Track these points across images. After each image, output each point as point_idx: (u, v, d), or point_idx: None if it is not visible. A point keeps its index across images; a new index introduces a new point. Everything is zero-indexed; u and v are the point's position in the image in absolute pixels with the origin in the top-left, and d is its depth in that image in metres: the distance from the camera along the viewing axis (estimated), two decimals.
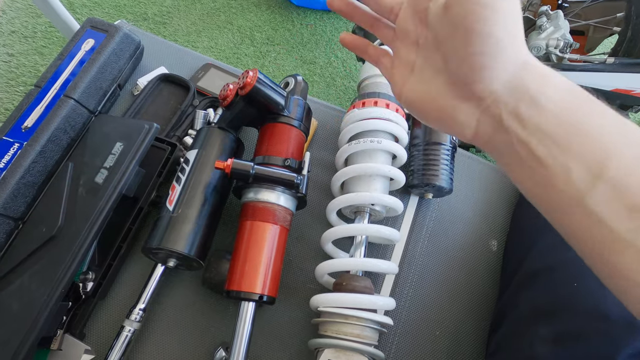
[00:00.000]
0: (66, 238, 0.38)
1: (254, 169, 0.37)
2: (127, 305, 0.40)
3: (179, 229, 0.37)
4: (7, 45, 1.13)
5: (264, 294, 0.35)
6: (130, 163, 0.40)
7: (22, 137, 0.43)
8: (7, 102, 1.05)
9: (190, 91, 0.52)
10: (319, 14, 1.38)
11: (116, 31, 0.50)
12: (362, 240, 0.41)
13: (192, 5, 1.32)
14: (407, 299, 0.44)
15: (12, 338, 0.34)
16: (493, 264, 0.47)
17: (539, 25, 0.73)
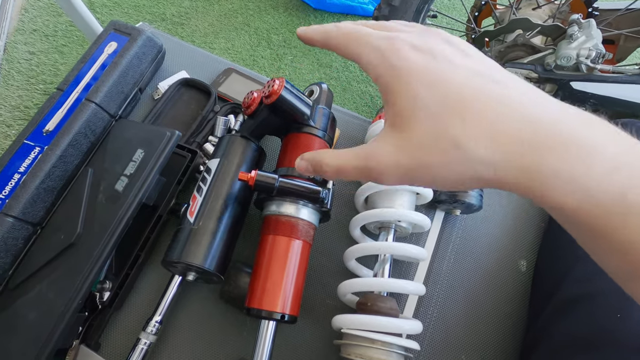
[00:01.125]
0: (85, 246, 0.37)
1: (279, 182, 0.36)
2: (143, 315, 0.39)
3: (200, 242, 0.35)
4: (28, 44, 1.15)
5: (285, 313, 0.34)
6: (151, 172, 0.39)
7: (43, 141, 0.42)
8: (27, 99, 1.06)
9: (211, 96, 0.51)
10: (336, 16, 1.37)
11: (139, 34, 0.49)
12: (386, 258, 0.39)
13: (210, 7, 1.32)
14: (432, 319, 0.43)
15: (28, 349, 0.33)
16: (522, 286, 0.45)
17: (569, 34, 0.70)
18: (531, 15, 0.83)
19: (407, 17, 0.86)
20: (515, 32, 0.82)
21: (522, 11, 0.87)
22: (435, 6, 0.97)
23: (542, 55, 0.78)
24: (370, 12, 1.35)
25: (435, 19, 1.01)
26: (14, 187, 0.40)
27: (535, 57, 0.78)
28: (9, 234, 0.38)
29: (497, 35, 0.84)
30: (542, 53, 0.78)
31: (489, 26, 0.97)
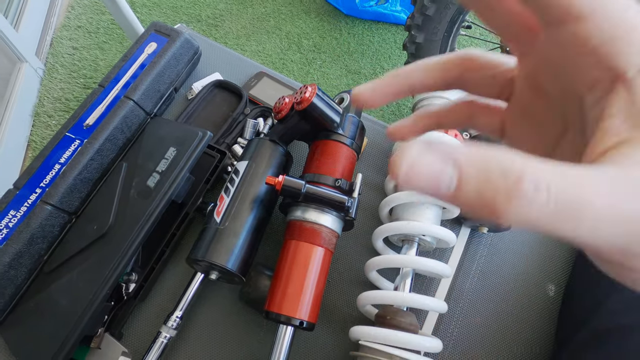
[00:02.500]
0: (115, 238, 0.38)
1: (305, 188, 0.36)
2: (165, 309, 0.40)
3: (225, 243, 0.36)
4: (72, 39, 1.21)
5: (304, 320, 0.34)
6: (182, 170, 0.40)
7: (83, 134, 0.44)
8: (68, 92, 1.11)
9: (242, 99, 0.52)
10: (367, 24, 1.37)
11: (177, 36, 0.51)
12: (408, 272, 0.39)
13: (244, 10, 1.35)
14: (452, 338, 0.41)
15: (59, 331, 0.35)
16: (549, 311, 0.43)
17: None
18: None
19: (441, 27, 0.85)
20: None
21: None
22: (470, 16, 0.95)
23: None
24: (402, 20, 1.34)
25: (469, 30, 0.99)
26: (54, 177, 0.42)
27: None
28: (47, 221, 0.40)
29: None
30: None
31: None
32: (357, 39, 1.33)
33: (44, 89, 1.11)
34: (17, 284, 0.39)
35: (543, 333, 0.42)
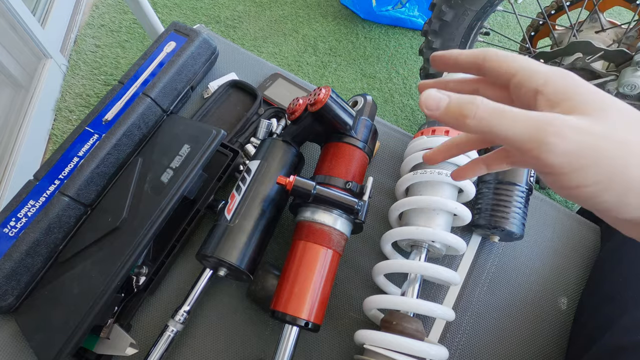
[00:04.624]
0: (128, 231, 0.39)
1: (316, 189, 0.36)
2: (173, 303, 0.40)
3: (234, 240, 0.36)
4: (95, 37, 1.25)
5: (310, 321, 0.34)
6: (195, 167, 0.41)
7: (102, 129, 0.45)
8: (89, 88, 1.14)
9: (257, 99, 0.52)
10: (384, 28, 1.37)
11: (196, 36, 0.52)
12: (416, 277, 0.38)
13: (262, 12, 1.37)
14: (458, 347, 0.41)
15: (70, 320, 0.36)
16: (560, 325, 0.42)
17: (636, 61, 0.65)
18: (593, 38, 0.79)
19: (459, 33, 0.84)
20: (574, 55, 0.78)
21: (584, 34, 0.82)
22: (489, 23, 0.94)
23: (603, 82, 0.73)
24: (419, 25, 1.34)
25: (487, 37, 0.98)
26: (72, 169, 0.43)
27: (595, 82, 0.74)
28: (64, 212, 0.41)
29: (553, 58, 0.80)
30: (602, 79, 0.73)
31: (545, 47, 0.92)
32: (373, 43, 1.33)
33: (66, 85, 1.14)
34: (33, 272, 0.40)
35: (554, 347, 0.41)
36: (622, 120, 0.18)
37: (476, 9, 0.79)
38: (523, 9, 1.45)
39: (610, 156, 0.17)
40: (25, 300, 0.40)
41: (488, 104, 0.18)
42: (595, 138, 0.17)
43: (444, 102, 0.19)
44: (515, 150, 0.18)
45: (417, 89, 0.26)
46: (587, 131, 0.17)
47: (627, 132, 0.17)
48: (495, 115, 0.18)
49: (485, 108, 0.18)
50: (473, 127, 0.18)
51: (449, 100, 0.19)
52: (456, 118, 0.19)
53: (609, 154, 0.17)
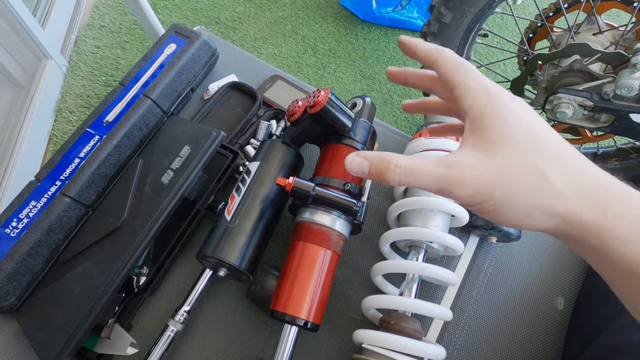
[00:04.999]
0: (129, 232, 0.40)
1: (315, 191, 0.36)
2: (173, 303, 0.41)
3: (234, 241, 0.37)
4: (96, 38, 1.25)
5: (309, 320, 0.34)
6: (195, 168, 0.41)
7: (103, 130, 0.46)
8: (89, 89, 1.15)
9: (256, 101, 0.53)
10: (383, 29, 1.37)
11: (196, 38, 0.52)
12: (414, 278, 0.39)
13: (262, 13, 1.37)
14: (456, 347, 0.41)
15: (71, 319, 0.36)
16: (557, 325, 0.42)
17: (633, 63, 0.66)
18: (591, 40, 0.79)
19: (458, 35, 0.84)
20: (572, 57, 0.78)
21: (582, 36, 0.82)
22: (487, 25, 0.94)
23: (600, 83, 0.73)
24: (418, 27, 1.34)
25: (486, 38, 0.99)
26: (74, 171, 0.43)
27: (592, 84, 0.74)
28: (65, 213, 0.42)
29: (551, 59, 0.81)
30: (600, 81, 0.74)
31: (543, 49, 0.93)
32: (373, 45, 1.33)
33: (66, 86, 1.14)
34: (35, 272, 0.40)
35: (551, 347, 0.41)
36: (514, 159, 0.20)
37: (475, 10, 0.80)
38: (521, 10, 1.46)
39: (500, 198, 0.20)
40: (26, 300, 0.40)
41: (401, 168, 0.22)
42: (488, 184, 0.20)
43: (366, 167, 0.23)
44: None
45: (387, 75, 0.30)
46: (481, 179, 0.21)
47: (516, 173, 0.20)
48: (408, 176, 0.22)
49: (400, 171, 0.22)
50: (394, 184, 0.22)
51: (369, 165, 0.23)
52: (379, 179, 0.23)
53: (499, 197, 0.20)
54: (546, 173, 0.20)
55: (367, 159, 0.23)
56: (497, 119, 0.21)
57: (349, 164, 0.23)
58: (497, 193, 0.20)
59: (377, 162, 0.22)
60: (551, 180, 0.20)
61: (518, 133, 0.21)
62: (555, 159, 0.20)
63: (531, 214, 0.20)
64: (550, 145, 0.21)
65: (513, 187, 0.20)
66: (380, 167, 0.22)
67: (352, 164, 0.23)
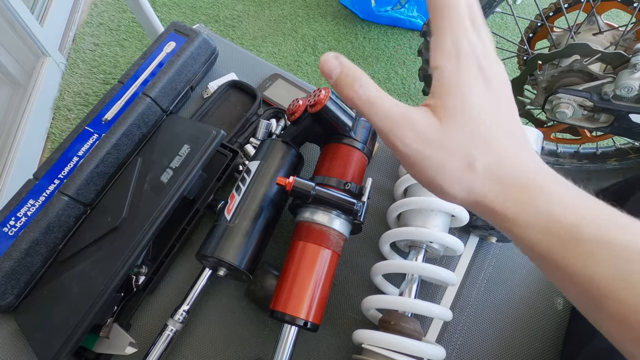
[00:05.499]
0: (128, 231, 0.39)
1: (315, 190, 0.36)
2: (172, 303, 0.40)
3: (234, 240, 0.37)
4: (94, 36, 1.24)
5: (309, 321, 0.34)
6: (194, 167, 0.41)
7: (102, 129, 0.46)
8: (88, 87, 1.14)
9: (256, 100, 0.53)
10: (383, 28, 1.37)
11: (196, 36, 0.52)
12: (414, 278, 0.39)
13: (261, 12, 1.37)
14: (455, 347, 0.41)
15: (70, 319, 0.36)
16: (556, 325, 0.42)
17: (633, 63, 0.66)
18: (591, 40, 0.79)
19: None
20: (571, 57, 0.78)
21: (582, 36, 0.82)
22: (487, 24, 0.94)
23: (600, 84, 0.73)
24: (418, 25, 1.34)
25: None
26: (72, 169, 0.43)
27: (592, 84, 0.74)
28: (63, 211, 0.41)
29: (551, 59, 0.81)
30: (599, 81, 0.74)
31: (543, 49, 0.93)
32: (373, 44, 1.33)
33: (64, 83, 1.14)
34: (33, 271, 0.40)
35: (549, 347, 0.41)
36: (456, 144, 0.21)
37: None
38: (521, 10, 1.46)
39: (425, 173, 0.21)
40: (25, 299, 0.40)
41: (365, 92, 0.21)
42: (425, 146, 0.21)
43: (335, 73, 0.22)
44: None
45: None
46: (423, 139, 0.21)
47: (453, 157, 0.21)
48: (367, 105, 0.21)
49: (362, 95, 0.21)
50: (354, 107, 0.22)
51: (339, 73, 0.22)
52: (339, 90, 0.22)
53: (438, 154, 0.21)
54: (476, 164, 0.21)
55: (342, 66, 0.22)
56: (460, 94, 0.21)
57: (324, 60, 0.22)
58: (433, 154, 0.21)
59: (346, 73, 0.22)
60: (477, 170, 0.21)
61: (467, 123, 0.21)
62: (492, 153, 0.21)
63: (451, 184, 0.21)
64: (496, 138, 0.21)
65: (447, 153, 0.21)
66: (347, 80, 0.21)
67: (326, 62, 0.22)
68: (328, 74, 0.22)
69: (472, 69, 0.21)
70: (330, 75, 0.22)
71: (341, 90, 0.22)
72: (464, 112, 0.21)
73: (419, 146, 0.21)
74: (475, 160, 0.21)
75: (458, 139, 0.21)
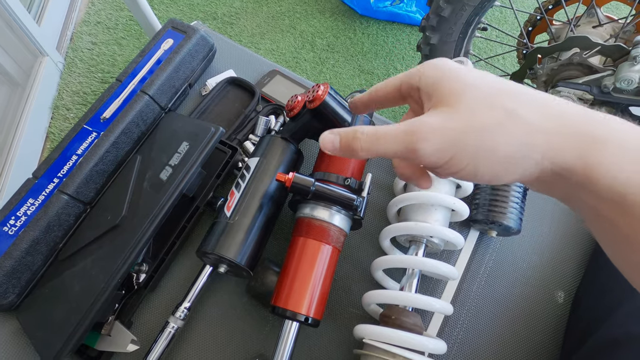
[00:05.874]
0: (128, 229, 0.39)
1: (315, 186, 0.36)
2: (173, 300, 0.40)
3: (234, 237, 0.37)
4: (92, 34, 1.24)
5: (310, 316, 0.34)
6: (193, 164, 0.41)
7: (100, 127, 0.45)
8: (86, 86, 1.14)
9: (255, 96, 0.52)
10: (381, 24, 1.36)
11: (193, 33, 0.52)
12: (415, 272, 0.39)
13: (259, 8, 1.36)
14: (456, 341, 0.41)
15: (71, 317, 0.36)
16: (557, 318, 0.42)
17: (633, 55, 0.66)
18: (591, 33, 0.79)
19: (457, 28, 0.84)
20: (571, 50, 0.78)
21: (581, 28, 0.82)
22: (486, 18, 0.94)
23: (600, 77, 0.73)
24: (417, 20, 1.34)
25: (485, 32, 0.98)
26: (71, 168, 0.43)
27: (592, 77, 0.74)
28: (63, 210, 0.41)
29: (551, 53, 0.80)
30: (599, 74, 0.73)
31: (543, 42, 0.92)
32: (371, 39, 1.33)
33: (63, 83, 1.14)
34: (33, 270, 0.40)
35: (550, 340, 0.41)
36: (479, 105, 0.19)
37: (474, 4, 0.79)
38: (520, 4, 1.45)
39: (472, 144, 0.19)
40: (26, 298, 0.40)
41: (367, 135, 0.22)
42: (454, 133, 0.19)
43: (337, 142, 0.23)
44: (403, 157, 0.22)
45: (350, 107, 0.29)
46: (446, 128, 0.19)
47: (483, 115, 0.19)
48: (374, 142, 0.21)
49: (365, 139, 0.22)
50: (364, 156, 0.22)
51: (339, 139, 0.23)
52: (350, 153, 0.22)
53: (470, 143, 0.19)
54: (515, 108, 0.19)
55: (338, 134, 0.23)
56: (451, 75, 0.21)
57: (323, 142, 0.23)
58: (468, 139, 0.19)
59: (345, 134, 0.22)
60: (522, 113, 0.19)
61: (479, 86, 0.20)
62: (521, 96, 0.19)
63: (508, 155, 0.19)
64: (513, 87, 0.20)
65: (485, 130, 0.19)
66: (347, 138, 0.22)
67: (324, 141, 0.23)
68: (332, 148, 0.23)
69: (449, 62, 0.22)
70: (334, 145, 0.23)
71: (348, 147, 0.22)
72: (472, 84, 0.20)
73: (444, 143, 0.19)
74: (514, 108, 0.19)
75: (483, 102, 0.19)
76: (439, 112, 0.20)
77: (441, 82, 0.21)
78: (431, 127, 0.20)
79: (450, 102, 0.20)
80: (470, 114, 0.19)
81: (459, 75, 0.21)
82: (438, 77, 0.21)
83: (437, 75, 0.21)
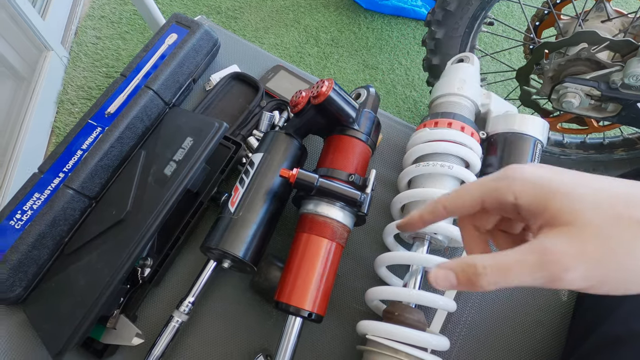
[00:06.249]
0: (133, 223, 0.40)
1: (319, 182, 0.36)
2: (178, 295, 0.41)
3: (238, 232, 0.37)
4: (96, 29, 1.24)
5: (313, 312, 0.35)
6: (198, 160, 0.41)
7: (105, 122, 0.46)
8: (91, 81, 1.14)
9: (259, 92, 0.52)
10: (386, 18, 1.35)
11: (197, 28, 0.52)
12: (418, 269, 0.39)
13: (263, 2, 1.35)
14: (459, 338, 0.41)
15: (77, 310, 0.36)
16: (560, 316, 0.42)
17: None
18: (599, 28, 0.78)
19: (463, 23, 0.83)
20: (579, 46, 0.77)
21: (590, 23, 0.81)
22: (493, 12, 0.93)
23: (608, 72, 0.72)
24: (422, 15, 1.32)
25: (491, 26, 0.97)
26: (76, 162, 0.43)
27: (600, 73, 0.73)
28: (69, 205, 0.42)
29: (558, 48, 0.79)
30: (607, 70, 0.72)
31: (550, 37, 0.91)
32: (376, 34, 1.31)
33: (67, 77, 1.14)
34: (40, 264, 0.41)
35: (554, 337, 0.41)
36: (606, 220, 0.19)
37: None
38: None
39: (614, 268, 0.18)
40: (33, 291, 0.41)
41: (491, 269, 0.20)
42: (595, 257, 0.18)
43: (453, 278, 0.21)
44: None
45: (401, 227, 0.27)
46: (585, 254, 0.18)
47: (615, 231, 0.18)
48: (503, 276, 0.19)
49: (491, 273, 0.20)
50: (490, 289, 0.20)
51: (455, 276, 0.21)
52: (471, 287, 0.20)
53: (613, 268, 0.18)
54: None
55: (452, 269, 0.21)
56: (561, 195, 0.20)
57: (435, 279, 0.21)
58: (611, 263, 0.18)
59: (462, 269, 0.20)
60: None
61: (590, 194, 0.19)
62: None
63: None
64: (627, 191, 0.19)
65: (622, 246, 0.18)
66: (468, 274, 0.20)
67: (437, 278, 0.21)
68: (449, 285, 0.21)
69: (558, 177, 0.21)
70: (451, 282, 0.21)
71: (471, 284, 0.20)
72: (579, 200, 0.19)
73: (589, 270, 0.18)
74: (636, 215, 0.18)
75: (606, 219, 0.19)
76: (565, 234, 0.19)
77: (547, 200, 0.20)
78: (569, 255, 0.19)
79: (570, 220, 0.19)
80: (601, 231, 0.19)
81: (561, 188, 0.20)
82: (541, 195, 0.20)
83: (538, 193, 0.20)
